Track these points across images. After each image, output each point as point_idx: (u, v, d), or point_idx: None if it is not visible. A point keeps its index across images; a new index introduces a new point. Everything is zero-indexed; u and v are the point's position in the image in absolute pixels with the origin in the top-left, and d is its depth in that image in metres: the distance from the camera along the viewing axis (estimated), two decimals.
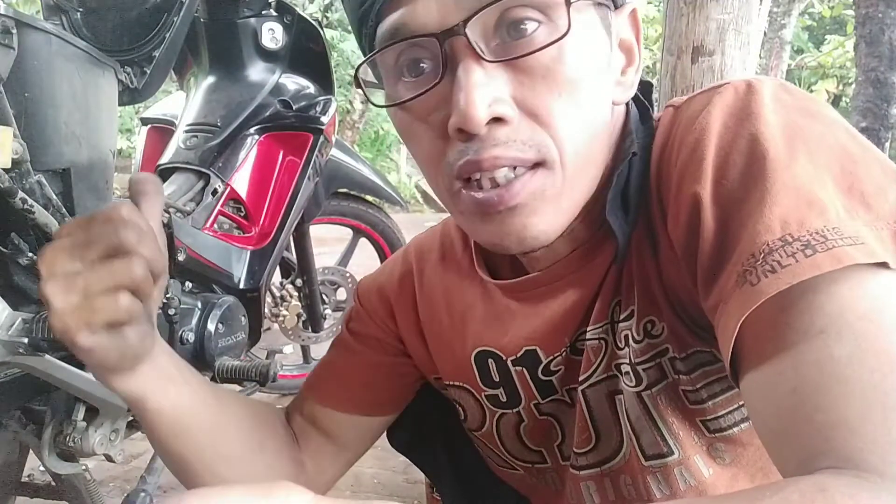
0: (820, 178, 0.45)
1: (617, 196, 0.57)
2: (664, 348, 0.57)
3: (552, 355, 0.64)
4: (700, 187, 0.49)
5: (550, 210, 0.52)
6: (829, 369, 0.40)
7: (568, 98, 0.50)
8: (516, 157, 0.50)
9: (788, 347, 0.42)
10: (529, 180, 0.51)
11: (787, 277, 0.42)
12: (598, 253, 0.60)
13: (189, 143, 1.61)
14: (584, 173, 0.54)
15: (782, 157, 0.46)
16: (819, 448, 0.39)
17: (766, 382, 0.44)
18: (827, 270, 0.41)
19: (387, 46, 0.52)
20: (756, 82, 0.52)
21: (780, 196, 0.45)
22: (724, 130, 0.50)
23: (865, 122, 4.24)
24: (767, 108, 0.49)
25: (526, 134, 0.50)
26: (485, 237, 0.55)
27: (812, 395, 0.40)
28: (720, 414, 0.57)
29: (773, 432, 0.44)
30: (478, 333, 0.69)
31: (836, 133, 0.48)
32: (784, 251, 0.43)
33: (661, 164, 0.56)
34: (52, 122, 1.04)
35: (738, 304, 0.44)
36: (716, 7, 2.13)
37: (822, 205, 0.44)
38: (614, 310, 0.60)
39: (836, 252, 0.41)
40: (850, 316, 0.41)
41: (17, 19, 0.95)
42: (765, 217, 0.44)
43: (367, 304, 0.79)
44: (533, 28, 0.49)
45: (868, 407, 0.38)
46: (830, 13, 10.66)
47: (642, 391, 0.59)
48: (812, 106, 0.51)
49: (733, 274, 0.45)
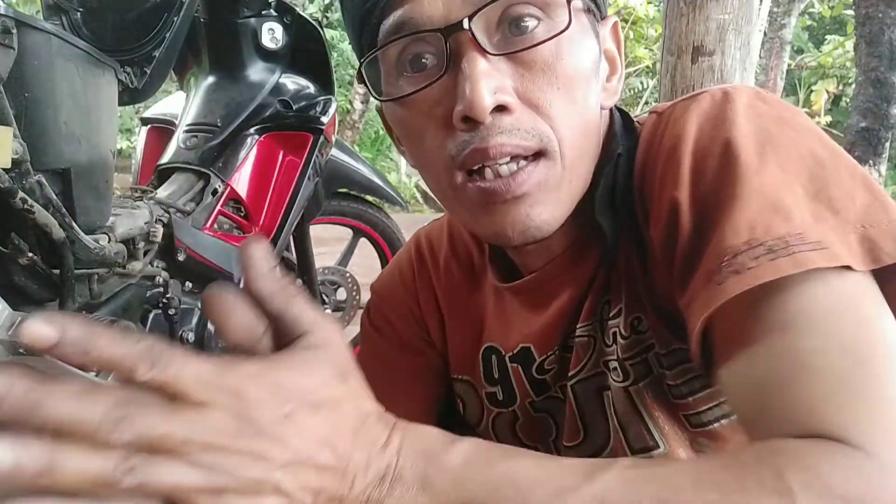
0: (789, 184, 0.48)
1: (605, 196, 0.59)
2: (650, 344, 0.59)
3: (545, 354, 0.66)
4: (678, 192, 0.51)
5: (552, 200, 0.54)
6: (797, 359, 0.43)
7: (566, 92, 0.53)
8: (520, 144, 0.52)
9: (756, 341, 0.44)
10: (533, 171, 0.53)
11: (749, 279, 0.44)
12: (587, 252, 0.62)
13: (189, 143, 1.61)
14: (580, 166, 0.56)
15: (753, 163, 0.48)
16: (785, 428, 0.41)
17: (736, 374, 0.46)
18: (787, 274, 0.43)
19: (393, 40, 0.54)
20: (732, 90, 0.54)
21: (749, 201, 0.47)
22: (700, 136, 0.52)
23: (865, 122, 4.24)
24: (741, 115, 0.52)
25: (528, 123, 0.52)
26: (487, 229, 0.56)
27: (781, 384, 0.43)
28: (701, 409, 0.58)
29: (749, 421, 0.46)
30: (488, 330, 0.71)
31: (807, 140, 0.51)
32: (749, 255, 0.45)
33: (644, 168, 0.58)
34: (52, 122, 1.04)
35: (702, 303, 0.47)
36: (716, 7, 2.14)
37: (788, 210, 0.46)
38: (603, 308, 0.61)
39: (798, 257, 0.44)
40: (814, 312, 0.43)
41: (17, 19, 0.95)
42: (733, 221, 0.47)
43: (388, 300, 0.78)
44: (533, 25, 0.52)
45: (834, 390, 0.41)
46: (830, 13, 10.68)
47: (629, 386, 0.60)
48: (785, 114, 0.53)
49: (703, 274, 0.48)
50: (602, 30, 0.58)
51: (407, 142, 0.59)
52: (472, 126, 0.51)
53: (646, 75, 11.28)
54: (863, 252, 0.45)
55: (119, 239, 1.25)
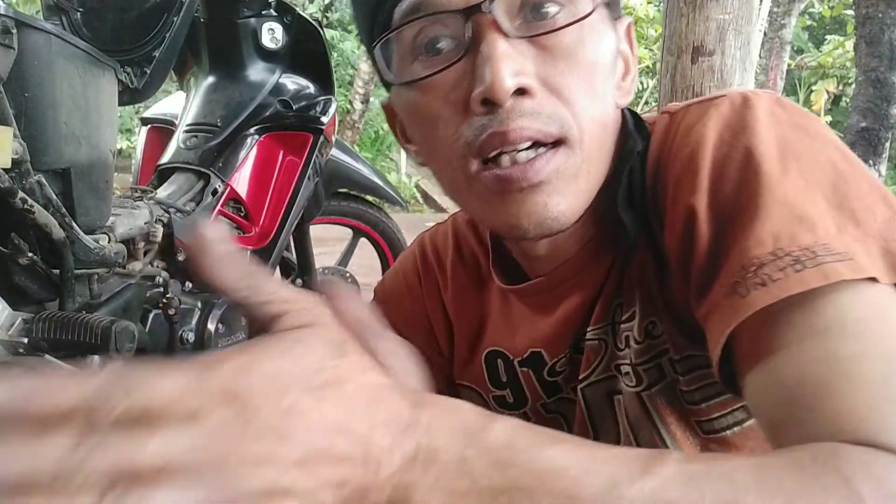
0: (811, 195, 0.47)
1: (626, 193, 0.57)
2: (664, 349, 0.58)
3: (556, 357, 0.65)
4: (695, 199, 0.50)
5: (570, 190, 0.53)
6: (834, 366, 0.41)
7: (586, 81, 0.52)
8: (541, 129, 0.50)
9: (788, 347, 0.43)
10: (552, 158, 0.51)
11: (776, 291, 0.43)
12: (600, 253, 0.61)
13: (189, 143, 1.61)
14: (597, 159, 0.55)
15: (775, 173, 0.47)
16: (828, 433, 0.39)
17: (768, 378, 0.44)
18: (815, 286, 0.42)
19: (411, 20, 0.52)
20: (752, 96, 0.53)
21: (773, 211, 0.46)
22: (720, 143, 0.51)
23: (865, 122, 4.24)
24: (762, 123, 0.50)
25: (549, 108, 0.51)
26: (501, 219, 0.54)
27: (820, 390, 0.41)
28: (714, 416, 0.58)
29: (776, 424, 0.44)
30: (491, 335, 0.70)
31: (828, 150, 0.50)
32: (775, 265, 0.44)
33: (657, 170, 0.57)
34: (52, 122, 1.04)
35: (726, 315, 0.45)
36: (716, 7, 2.14)
37: (812, 221, 0.45)
38: (615, 311, 0.61)
39: (825, 268, 0.43)
40: (847, 321, 0.42)
41: (17, 19, 0.95)
42: (756, 231, 0.46)
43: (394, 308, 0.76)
44: (555, 11, 0.51)
45: (877, 398, 0.39)
46: (830, 13, 10.66)
47: (642, 391, 0.59)
48: (805, 122, 0.52)
49: (724, 285, 0.46)
50: (618, 28, 0.58)
51: (418, 130, 0.57)
52: (491, 109, 0.50)
53: (646, 75, 11.27)
54: (885, 266, 0.44)
55: (119, 239, 1.25)
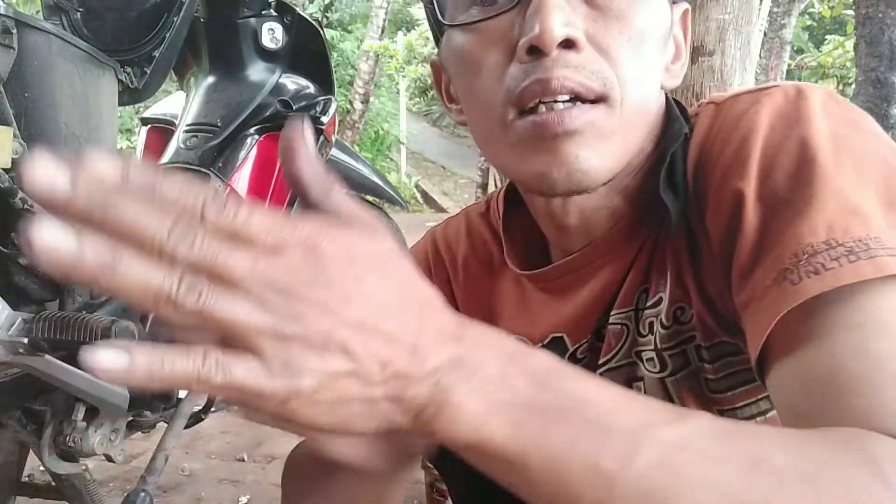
0: (863, 189, 0.47)
1: (668, 174, 0.57)
2: (691, 335, 0.58)
3: (578, 342, 0.65)
4: (744, 184, 0.50)
5: (604, 148, 0.53)
6: (868, 361, 0.42)
7: (635, 45, 0.52)
8: (583, 82, 0.51)
9: (825, 337, 0.44)
10: (589, 110, 0.51)
11: (829, 280, 0.43)
12: (631, 235, 0.60)
13: (189, 144, 1.61)
14: (636, 125, 0.55)
15: (830, 164, 0.48)
16: (856, 425, 0.39)
17: (798, 368, 0.45)
18: (868, 278, 0.43)
19: None
20: (806, 88, 0.53)
21: (827, 201, 0.46)
22: (772, 132, 0.51)
23: None
24: (817, 115, 0.51)
25: (594, 64, 0.51)
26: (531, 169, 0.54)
27: (851, 381, 0.41)
28: (738, 405, 0.57)
29: (802, 413, 0.44)
30: (507, 324, 0.70)
31: (879, 147, 0.50)
32: (828, 255, 0.44)
33: (700, 157, 0.57)
34: (52, 122, 1.04)
35: (775, 302, 0.45)
36: (716, 7, 2.14)
37: (865, 214, 0.46)
38: (640, 296, 0.60)
39: (878, 261, 0.43)
40: (889, 317, 0.43)
41: (17, 19, 0.95)
42: (810, 220, 0.46)
43: None
44: None
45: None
46: (830, 13, 10.65)
47: (666, 377, 0.59)
48: (857, 118, 0.52)
49: (772, 271, 0.46)
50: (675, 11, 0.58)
51: (462, 76, 0.58)
52: (537, 58, 0.50)
53: None
54: None
55: None
